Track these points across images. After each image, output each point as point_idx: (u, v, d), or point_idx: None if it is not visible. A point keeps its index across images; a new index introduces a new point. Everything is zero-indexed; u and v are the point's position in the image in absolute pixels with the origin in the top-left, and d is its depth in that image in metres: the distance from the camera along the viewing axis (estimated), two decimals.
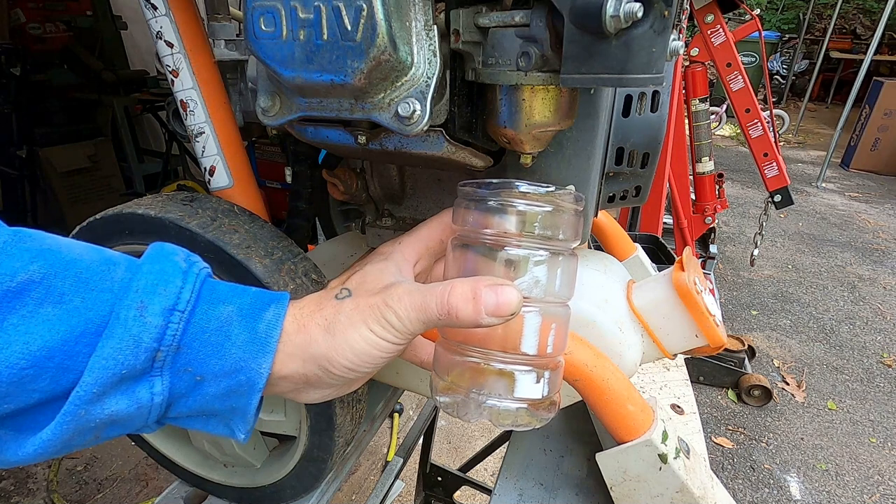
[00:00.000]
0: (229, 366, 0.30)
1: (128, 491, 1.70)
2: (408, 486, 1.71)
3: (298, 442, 0.56)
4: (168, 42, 0.49)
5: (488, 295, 0.29)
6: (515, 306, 0.30)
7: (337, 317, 0.32)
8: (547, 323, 0.33)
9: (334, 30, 0.34)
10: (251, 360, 0.30)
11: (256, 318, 0.31)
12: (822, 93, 8.36)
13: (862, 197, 4.70)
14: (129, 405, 0.29)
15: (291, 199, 0.69)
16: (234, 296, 0.32)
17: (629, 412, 0.46)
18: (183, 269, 0.31)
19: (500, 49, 0.36)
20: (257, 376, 0.30)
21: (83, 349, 0.28)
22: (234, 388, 0.31)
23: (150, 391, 0.29)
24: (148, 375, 0.29)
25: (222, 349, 0.30)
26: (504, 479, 0.60)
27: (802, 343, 2.61)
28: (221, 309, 0.31)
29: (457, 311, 0.30)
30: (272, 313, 0.32)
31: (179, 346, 0.29)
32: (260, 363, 0.30)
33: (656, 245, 1.56)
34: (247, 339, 0.30)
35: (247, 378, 0.30)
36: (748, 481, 1.86)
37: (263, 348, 0.31)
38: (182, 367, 0.30)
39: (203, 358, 0.30)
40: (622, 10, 0.28)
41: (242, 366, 0.30)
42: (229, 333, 0.30)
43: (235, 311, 0.31)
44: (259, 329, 0.31)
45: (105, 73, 3.40)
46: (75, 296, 0.28)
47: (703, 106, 1.99)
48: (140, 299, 0.29)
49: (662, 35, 0.30)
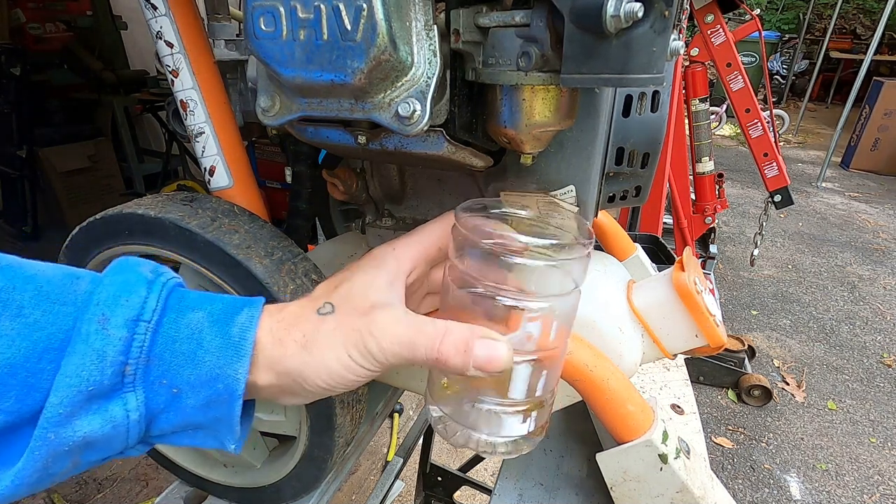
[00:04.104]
0: (205, 374, 0.29)
1: (128, 491, 1.70)
2: (408, 486, 1.71)
3: (298, 442, 0.56)
4: (168, 42, 0.49)
5: (479, 349, 0.29)
6: (504, 365, 0.29)
7: (316, 334, 0.30)
8: (538, 371, 0.33)
9: (334, 30, 0.34)
10: (227, 366, 0.29)
11: (229, 322, 0.30)
12: (822, 93, 8.36)
13: (862, 197, 4.70)
14: (103, 425, 0.27)
15: (291, 199, 0.69)
16: (206, 302, 0.31)
17: (629, 412, 0.46)
18: (148, 278, 0.29)
19: (500, 49, 0.36)
20: (235, 383, 0.29)
21: (47, 366, 0.26)
22: (214, 398, 0.29)
23: (125, 408, 0.28)
24: (119, 391, 0.27)
25: (195, 357, 0.29)
26: (504, 479, 0.60)
27: (802, 343, 2.61)
28: (191, 316, 0.29)
29: (445, 360, 0.29)
30: (245, 317, 0.30)
31: (150, 358, 0.28)
32: (236, 369, 0.29)
33: (656, 245, 1.56)
34: (220, 345, 0.29)
35: (224, 386, 0.29)
36: (748, 481, 1.86)
37: (238, 352, 0.29)
38: (156, 379, 0.28)
39: (176, 368, 0.28)
40: (622, 9, 0.28)
41: (218, 373, 0.29)
42: (201, 340, 0.29)
43: (206, 317, 0.30)
44: (232, 333, 0.29)
45: (105, 73, 3.40)
46: (35, 309, 0.27)
47: (703, 106, 1.99)
48: (102, 311, 0.27)
49: (663, 35, 0.30)
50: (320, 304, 0.32)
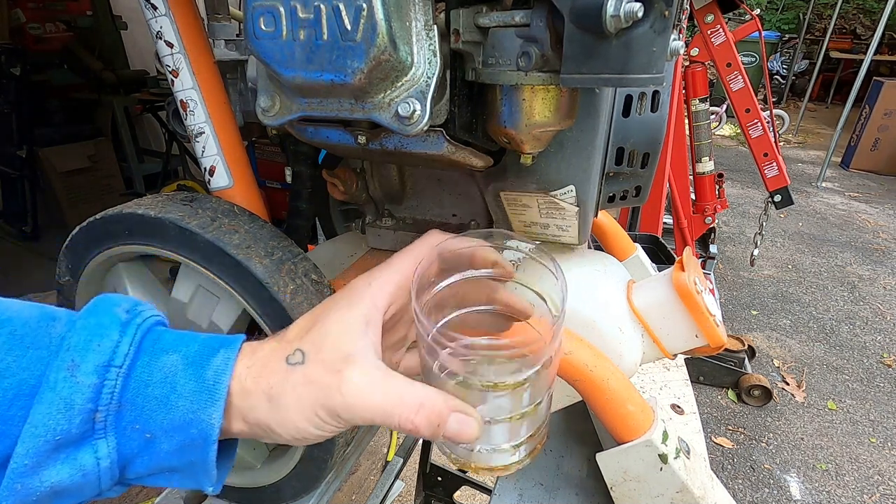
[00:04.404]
0: (178, 419, 0.28)
1: (128, 491, 1.70)
2: (408, 486, 1.71)
3: None
4: (168, 42, 0.49)
5: (451, 424, 0.29)
6: (472, 439, 0.30)
7: (283, 387, 0.29)
8: (517, 423, 0.33)
9: (334, 30, 0.34)
10: (200, 410, 0.28)
11: (204, 365, 0.29)
12: (822, 93, 8.36)
13: (862, 197, 4.70)
14: (73, 474, 0.26)
15: (291, 199, 0.69)
16: (181, 344, 0.30)
17: (629, 412, 0.46)
18: (122, 320, 0.29)
19: (500, 49, 0.36)
20: (209, 428, 0.28)
21: (18, 412, 0.26)
22: (188, 443, 0.28)
23: (95, 455, 0.27)
24: (90, 438, 0.27)
25: (168, 402, 0.28)
26: (504, 480, 0.60)
27: (802, 343, 2.61)
28: (165, 359, 0.29)
29: (418, 430, 0.29)
30: (221, 359, 0.29)
31: (121, 404, 0.27)
32: (210, 413, 0.28)
33: (656, 245, 1.56)
34: (194, 389, 0.28)
35: (198, 431, 0.28)
36: (748, 481, 1.86)
37: (212, 397, 0.28)
38: (128, 424, 0.27)
39: (149, 413, 0.28)
40: (622, 9, 0.28)
41: (192, 418, 0.28)
42: (175, 384, 0.28)
43: (181, 359, 0.29)
44: (207, 377, 0.28)
45: (105, 73, 3.40)
46: (7, 354, 0.26)
47: (703, 106, 1.99)
48: (72, 357, 0.26)
49: (663, 35, 0.30)
50: (291, 351, 0.30)
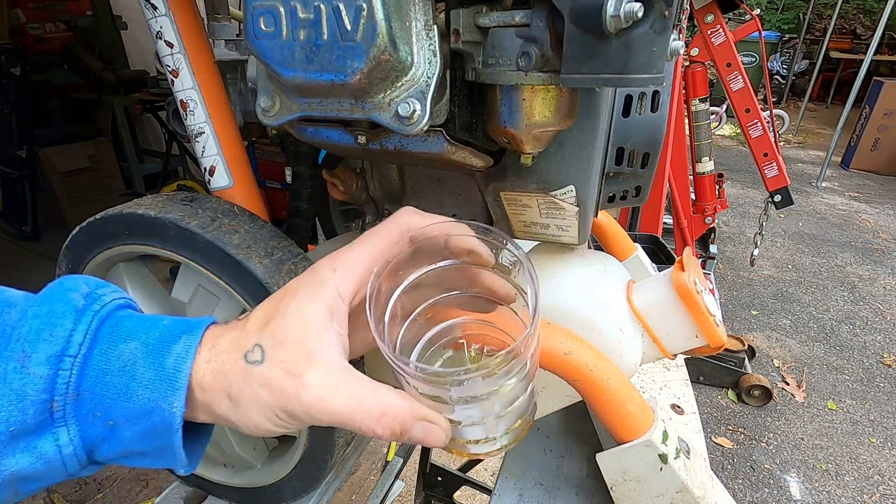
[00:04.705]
0: (140, 408, 0.27)
1: (128, 491, 1.70)
2: (408, 486, 1.71)
3: (298, 442, 0.56)
4: (168, 42, 0.49)
5: (416, 431, 0.28)
6: (440, 444, 0.29)
7: (242, 388, 0.28)
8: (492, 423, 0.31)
9: (334, 30, 0.34)
10: (161, 399, 0.27)
11: (164, 352, 0.28)
12: (822, 93, 8.35)
13: (862, 197, 4.70)
14: (34, 461, 0.26)
15: (291, 199, 0.69)
16: (140, 331, 0.29)
17: (629, 412, 0.46)
18: (78, 307, 0.28)
19: (500, 49, 0.36)
20: (171, 417, 0.27)
21: None
22: (151, 430, 0.28)
23: (56, 444, 0.27)
24: (49, 427, 0.27)
25: (128, 391, 0.27)
26: (504, 480, 0.60)
27: (802, 343, 2.61)
28: (123, 347, 0.28)
29: (380, 437, 0.28)
30: (182, 346, 0.28)
31: (79, 392, 0.27)
32: (171, 402, 0.27)
33: (656, 245, 1.56)
34: (154, 377, 0.27)
35: (161, 419, 0.28)
36: (748, 481, 1.86)
37: (172, 385, 0.27)
38: (89, 413, 0.27)
39: (110, 402, 0.27)
40: (622, 9, 0.28)
41: (153, 407, 0.27)
42: (134, 373, 0.27)
43: (140, 347, 0.28)
44: (167, 364, 0.28)
45: (105, 73, 3.41)
46: None
47: (703, 106, 1.99)
48: (22, 348, 0.26)
49: (663, 35, 0.30)
50: (250, 347, 0.29)
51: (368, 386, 0.28)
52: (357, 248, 0.31)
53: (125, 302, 0.31)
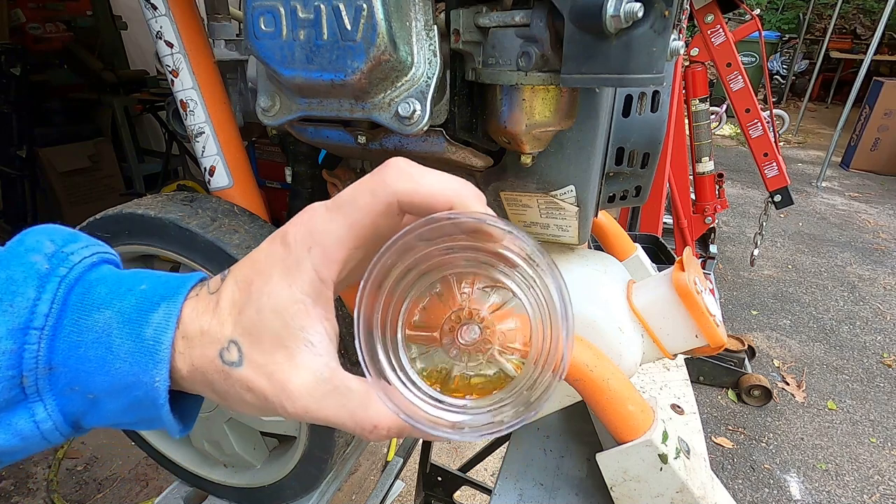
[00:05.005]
0: (120, 382, 0.25)
1: (128, 491, 1.70)
2: (408, 486, 1.71)
3: (298, 442, 0.56)
4: (168, 42, 0.49)
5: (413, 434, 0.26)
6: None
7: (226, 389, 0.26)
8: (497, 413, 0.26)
9: (334, 30, 0.34)
10: (143, 373, 0.25)
11: (141, 322, 0.25)
12: (822, 93, 8.36)
13: (862, 197, 4.70)
14: (10, 438, 0.25)
15: (291, 199, 0.69)
16: (115, 297, 0.26)
17: (629, 412, 0.46)
18: (41, 272, 0.25)
19: (500, 49, 0.36)
20: (154, 392, 0.25)
21: None
22: (136, 403, 0.26)
23: (32, 420, 0.25)
24: (23, 403, 0.25)
25: (106, 364, 0.25)
26: (504, 480, 0.60)
27: (802, 343, 2.61)
28: (98, 316, 0.25)
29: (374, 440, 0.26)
30: (161, 315, 0.25)
31: (52, 366, 0.25)
32: (153, 376, 0.25)
33: (656, 245, 1.56)
34: (132, 349, 0.25)
35: (144, 394, 0.25)
36: (748, 481, 1.86)
37: (154, 358, 0.25)
38: (65, 387, 0.25)
39: (87, 376, 0.25)
40: (622, 9, 0.28)
41: (134, 381, 0.25)
42: (110, 345, 0.25)
43: (115, 316, 0.25)
44: (146, 335, 0.25)
45: (105, 73, 3.41)
46: None
47: (703, 106, 1.99)
48: None
49: (663, 35, 0.30)
50: (225, 344, 0.25)
51: (359, 397, 0.25)
52: (336, 223, 0.26)
53: (99, 258, 0.27)
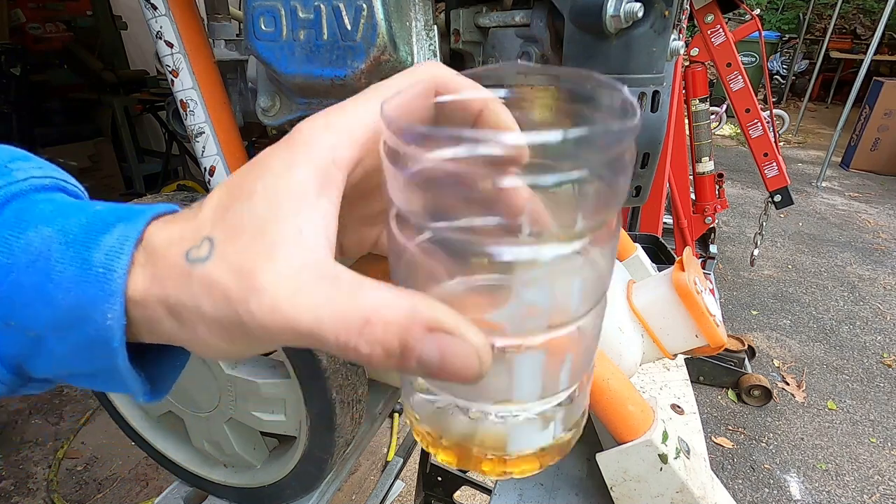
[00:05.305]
0: (63, 318, 0.20)
1: (128, 491, 1.70)
2: (408, 486, 1.71)
3: (298, 442, 0.56)
4: (168, 42, 0.49)
5: (427, 348, 0.17)
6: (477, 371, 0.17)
7: (182, 298, 0.20)
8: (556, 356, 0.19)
9: (334, 30, 0.34)
10: (90, 307, 0.19)
11: (89, 244, 0.20)
12: (822, 93, 8.36)
13: (862, 197, 4.70)
14: None
15: None
16: (59, 215, 0.21)
17: (629, 412, 0.46)
18: None
19: (500, 49, 0.36)
20: (107, 331, 0.20)
21: None
22: (86, 346, 0.20)
23: None
24: None
25: (45, 293, 0.20)
26: (504, 480, 0.60)
27: (802, 343, 2.61)
28: (32, 235, 0.20)
29: (369, 360, 0.17)
30: (117, 237, 0.20)
31: None
32: (104, 311, 0.19)
33: (656, 245, 1.56)
34: (76, 277, 0.19)
35: (95, 333, 0.20)
36: (748, 481, 1.86)
37: (103, 289, 0.19)
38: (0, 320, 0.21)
39: (23, 308, 0.20)
40: (622, 9, 0.28)
41: (81, 316, 0.20)
42: (49, 271, 0.20)
43: (56, 236, 0.20)
44: (94, 260, 0.19)
45: (105, 73, 3.41)
46: None
47: (703, 106, 1.99)
48: None
49: (663, 35, 0.30)
50: (197, 242, 0.20)
51: (348, 284, 0.18)
52: (360, 102, 0.21)
53: (54, 183, 0.23)
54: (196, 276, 0.19)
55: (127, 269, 0.20)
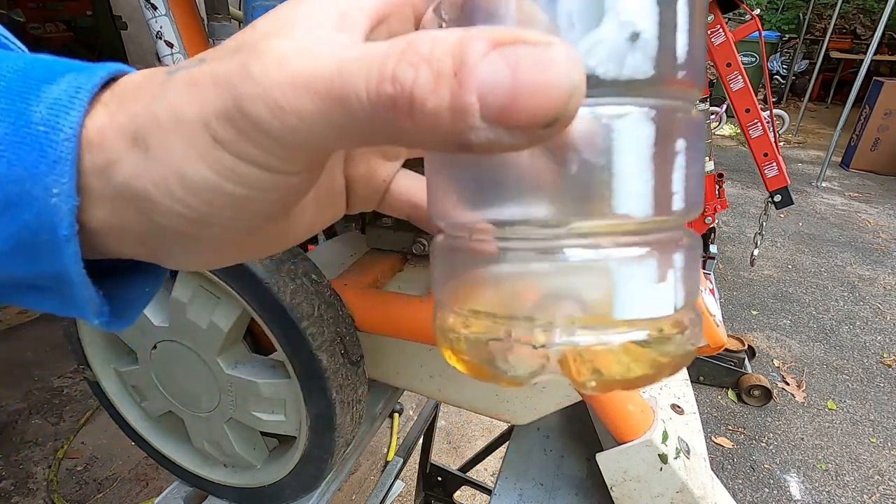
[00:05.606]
0: None
1: (128, 491, 1.70)
2: (408, 486, 1.71)
3: (298, 442, 0.56)
4: (168, 42, 0.50)
5: (494, 63, 0.11)
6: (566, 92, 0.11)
7: (154, 111, 0.15)
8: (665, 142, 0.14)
9: None
10: (28, 179, 0.14)
11: (27, 96, 0.15)
12: (822, 93, 8.36)
13: (862, 197, 4.70)
14: None
15: None
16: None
17: (629, 412, 0.46)
18: None
19: None
20: (50, 212, 0.14)
21: None
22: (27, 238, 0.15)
23: None
24: None
25: None
26: (504, 480, 0.60)
27: (802, 343, 2.61)
28: None
29: (411, 102, 0.12)
30: (65, 87, 0.15)
31: None
32: (47, 186, 0.14)
33: None
34: (8, 138, 0.14)
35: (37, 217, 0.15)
36: (748, 481, 1.86)
37: (44, 152, 0.14)
38: None
39: None
40: None
41: (16, 192, 0.14)
42: None
43: None
44: (33, 115, 0.14)
45: None
46: None
47: (703, 106, 1.99)
48: None
49: None
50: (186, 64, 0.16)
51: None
52: None
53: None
54: (176, 79, 0.15)
55: (78, 129, 0.15)
